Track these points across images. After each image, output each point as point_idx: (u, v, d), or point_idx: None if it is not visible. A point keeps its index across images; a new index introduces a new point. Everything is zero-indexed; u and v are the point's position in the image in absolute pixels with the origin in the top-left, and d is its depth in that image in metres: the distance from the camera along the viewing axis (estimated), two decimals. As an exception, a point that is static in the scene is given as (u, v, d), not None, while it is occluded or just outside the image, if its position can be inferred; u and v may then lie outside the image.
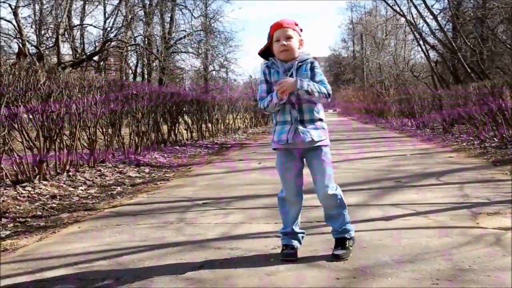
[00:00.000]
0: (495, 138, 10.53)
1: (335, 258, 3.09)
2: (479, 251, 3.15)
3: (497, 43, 19.45)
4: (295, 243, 3.21)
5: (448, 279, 2.69)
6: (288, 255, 3.13)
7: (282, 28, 3.15)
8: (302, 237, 3.30)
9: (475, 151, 9.43)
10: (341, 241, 3.19)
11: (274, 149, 3.29)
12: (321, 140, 3.18)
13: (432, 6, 21.02)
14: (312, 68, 3.19)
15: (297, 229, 3.28)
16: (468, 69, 18.68)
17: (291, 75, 3.14)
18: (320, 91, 3.09)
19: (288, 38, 3.13)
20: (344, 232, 3.20)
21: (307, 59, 3.20)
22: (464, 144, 10.96)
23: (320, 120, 3.21)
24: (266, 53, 3.28)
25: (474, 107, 11.77)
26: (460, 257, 3.04)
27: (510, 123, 10.01)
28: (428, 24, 21.66)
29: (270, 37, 3.19)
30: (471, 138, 11.72)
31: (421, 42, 23.27)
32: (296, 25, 3.21)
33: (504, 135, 10.11)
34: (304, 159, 3.26)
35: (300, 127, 3.11)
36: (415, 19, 23.48)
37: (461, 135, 12.78)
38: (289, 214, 3.28)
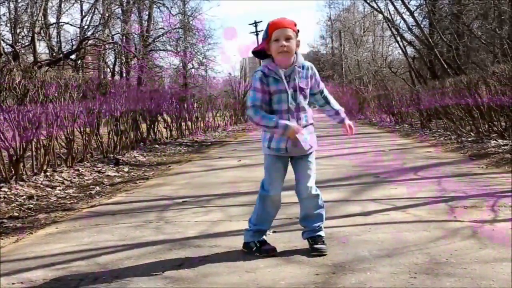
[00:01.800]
0: (471, 133, 10.69)
1: (318, 252, 3.11)
2: (456, 244, 3.20)
3: (472, 39, 19.69)
4: (256, 237, 3.25)
5: (425, 272, 2.72)
6: (272, 250, 3.15)
7: (283, 28, 3.06)
8: (266, 229, 3.35)
9: (452, 146, 9.56)
10: (318, 238, 3.21)
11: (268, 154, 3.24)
12: (314, 145, 3.23)
13: (408, 2, 21.18)
14: (313, 76, 3.19)
15: (268, 229, 3.35)
16: (445, 65, 18.90)
17: (292, 82, 3.09)
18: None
19: (288, 38, 3.06)
20: (320, 230, 3.24)
21: (305, 65, 3.18)
22: (442, 139, 11.10)
23: (312, 124, 3.25)
24: (260, 52, 3.18)
25: (451, 102, 11.92)
26: (437, 250, 3.08)
27: (486, 118, 10.16)
28: (405, 21, 21.84)
29: (268, 35, 3.09)
30: (448, 133, 11.88)
31: (398, 39, 23.48)
32: (295, 25, 3.14)
33: (480, 130, 10.26)
34: (290, 160, 3.28)
35: (301, 136, 3.10)
36: (392, 16, 23.65)
37: (439, 130, 12.94)
38: (270, 213, 3.28)
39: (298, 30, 3.15)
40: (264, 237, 3.27)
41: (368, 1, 24.08)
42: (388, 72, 31.90)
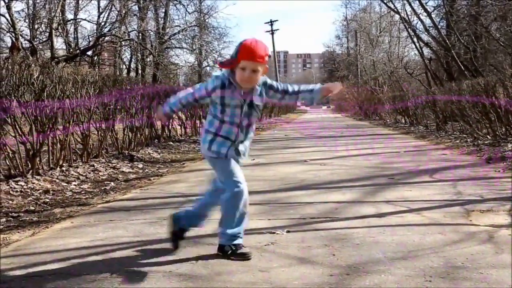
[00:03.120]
0: (488, 136, 10.58)
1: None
2: (472, 248, 3.17)
3: (490, 41, 19.52)
4: (240, 241, 3.18)
5: (440, 276, 2.70)
6: (249, 255, 3.11)
7: (253, 61, 2.99)
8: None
9: (469, 149, 9.47)
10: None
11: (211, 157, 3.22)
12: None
13: (426, 3, 21.09)
14: (267, 87, 3.19)
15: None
16: (462, 67, 18.75)
17: (249, 100, 3.11)
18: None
19: (255, 71, 3.03)
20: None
21: (261, 81, 3.15)
22: (458, 141, 11.01)
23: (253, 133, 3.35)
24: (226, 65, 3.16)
25: (467, 104, 11.81)
26: (452, 254, 3.06)
27: (503, 120, 10.06)
28: (422, 21, 21.71)
29: (237, 59, 3.01)
30: (465, 135, 11.78)
31: (415, 39, 23.37)
32: (267, 56, 3.07)
33: (497, 133, 10.16)
34: None
35: (242, 148, 3.20)
36: (409, 16, 23.54)
37: (455, 133, 12.83)
38: (244, 210, 3.20)
39: (269, 56, 3.14)
40: (240, 240, 3.18)
41: (385, 2, 23.97)
42: (404, 73, 31.72)
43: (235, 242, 3.13)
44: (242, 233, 3.19)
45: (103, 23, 27.39)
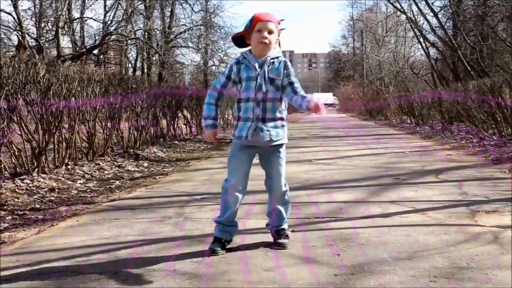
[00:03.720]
0: (494, 136, 10.55)
1: (280, 246, 3.22)
2: (477, 249, 3.16)
3: (497, 41, 19.44)
4: (226, 236, 3.26)
5: (445, 276, 2.69)
6: (214, 251, 3.16)
7: (267, 21, 3.15)
8: (235, 230, 3.36)
9: (474, 149, 9.44)
10: (281, 232, 3.31)
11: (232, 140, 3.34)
12: (278, 140, 3.23)
13: (432, 3, 21.01)
14: (286, 67, 3.21)
15: (231, 220, 3.32)
16: (468, 67, 18.68)
17: (262, 71, 3.15)
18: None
19: (270, 32, 3.15)
20: (283, 224, 3.35)
21: (279, 57, 3.23)
22: (463, 141, 10.98)
23: (281, 119, 3.25)
24: (239, 40, 3.29)
25: (473, 105, 11.77)
26: (458, 254, 3.05)
27: (509, 121, 10.02)
28: (428, 22, 21.63)
29: (251, 25, 3.17)
30: (470, 136, 11.74)
31: (421, 40, 23.28)
32: (279, 23, 3.22)
33: (503, 133, 10.12)
34: (258, 155, 3.31)
35: (260, 125, 3.16)
36: (416, 16, 23.44)
37: (460, 133, 12.79)
38: (229, 204, 3.28)
39: (282, 28, 3.23)
40: (227, 234, 3.28)
41: (392, 2, 23.89)
42: (410, 73, 31.61)
43: (216, 235, 3.27)
44: (226, 227, 3.28)
45: (109, 22, 27.44)
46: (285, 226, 3.37)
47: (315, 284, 2.65)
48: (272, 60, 3.19)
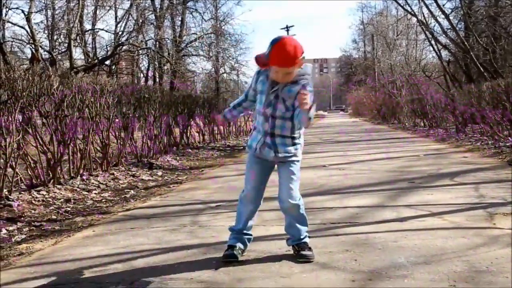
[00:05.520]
0: (509, 138, 10.43)
1: (304, 258, 3.13)
2: (496, 252, 3.12)
3: (510, 42, 19.28)
4: (239, 244, 3.24)
5: (465, 280, 2.66)
6: (228, 256, 3.16)
7: (284, 67, 2.97)
8: (249, 239, 3.33)
9: (490, 151, 9.35)
10: (303, 245, 3.22)
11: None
12: (287, 157, 3.16)
13: (443, 5, 20.93)
14: (304, 88, 3.04)
15: (245, 229, 3.30)
16: (481, 68, 18.54)
17: (276, 90, 3.08)
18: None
19: (288, 74, 3.01)
20: (303, 238, 3.25)
21: (301, 80, 3.07)
22: (478, 144, 10.87)
23: (292, 137, 3.17)
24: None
25: (487, 106, 11.67)
26: (477, 258, 3.01)
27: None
28: (439, 24, 21.56)
29: (269, 60, 2.97)
30: (485, 137, 11.62)
31: (432, 42, 23.16)
32: (300, 55, 2.98)
33: (518, 135, 10.01)
34: (276, 166, 3.29)
35: (268, 140, 3.14)
36: (427, 19, 23.36)
37: (475, 135, 12.67)
38: (243, 213, 3.28)
39: (303, 52, 3.00)
40: (240, 243, 3.24)
41: (402, 5, 23.83)
42: (422, 76, 31.44)
43: (229, 243, 3.26)
44: (240, 236, 3.27)
45: (120, 33, 27.70)
46: (306, 240, 3.25)
47: (332, 290, 2.63)
48: (292, 84, 3.06)
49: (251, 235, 3.34)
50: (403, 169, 7.38)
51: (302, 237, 3.25)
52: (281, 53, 2.93)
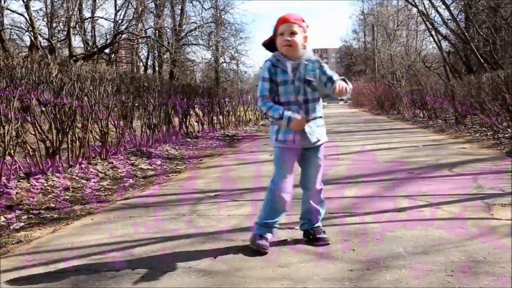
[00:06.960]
0: (508, 129, 10.43)
1: (323, 241, 3.21)
2: (494, 242, 3.13)
3: (510, 33, 19.22)
4: (269, 235, 3.22)
5: (462, 270, 2.67)
6: (263, 247, 3.11)
7: (288, 23, 3.13)
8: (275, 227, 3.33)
9: (488, 142, 9.35)
10: (319, 229, 3.31)
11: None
12: (323, 138, 3.25)
13: (444, -5, 20.78)
14: (320, 66, 3.19)
15: (275, 220, 3.27)
16: (481, 59, 18.49)
17: (299, 74, 3.13)
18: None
19: (293, 33, 3.11)
20: (319, 222, 3.35)
21: (312, 59, 3.20)
22: (477, 135, 10.88)
23: (321, 117, 3.26)
24: (270, 45, 3.26)
25: (487, 97, 11.65)
26: (474, 248, 3.02)
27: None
28: (440, 14, 21.45)
29: (275, 30, 3.18)
30: (484, 128, 11.63)
31: (433, 33, 23.08)
32: (303, 21, 3.18)
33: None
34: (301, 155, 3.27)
35: (307, 128, 3.13)
36: (427, 9, 23.29)
37: (474, 126, 12.67)
38: (278, 209, 3.23)
39: (307, 26, 3.18)
40: (270, 234, 3.22)
41: (402, -5, 23.70)
42: (422, 66, 31.40)
43: (257, 232, 3.19)
44: (268, 228, 3.21)
45: (120, 21, 27.55)
46: (320, 224, 3.34)
47: (330, 279, 2.64)
48: (306, 63, 3.15)
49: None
50: (402, 159, 7.39)
51: (319, 222, 3.33)
52: (285, 15, 3.18)
